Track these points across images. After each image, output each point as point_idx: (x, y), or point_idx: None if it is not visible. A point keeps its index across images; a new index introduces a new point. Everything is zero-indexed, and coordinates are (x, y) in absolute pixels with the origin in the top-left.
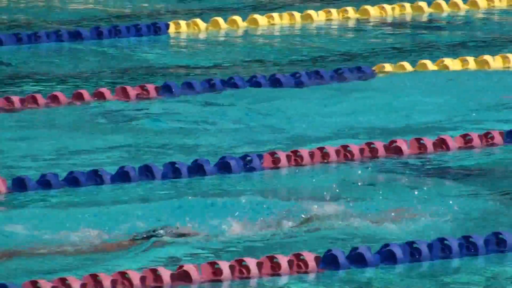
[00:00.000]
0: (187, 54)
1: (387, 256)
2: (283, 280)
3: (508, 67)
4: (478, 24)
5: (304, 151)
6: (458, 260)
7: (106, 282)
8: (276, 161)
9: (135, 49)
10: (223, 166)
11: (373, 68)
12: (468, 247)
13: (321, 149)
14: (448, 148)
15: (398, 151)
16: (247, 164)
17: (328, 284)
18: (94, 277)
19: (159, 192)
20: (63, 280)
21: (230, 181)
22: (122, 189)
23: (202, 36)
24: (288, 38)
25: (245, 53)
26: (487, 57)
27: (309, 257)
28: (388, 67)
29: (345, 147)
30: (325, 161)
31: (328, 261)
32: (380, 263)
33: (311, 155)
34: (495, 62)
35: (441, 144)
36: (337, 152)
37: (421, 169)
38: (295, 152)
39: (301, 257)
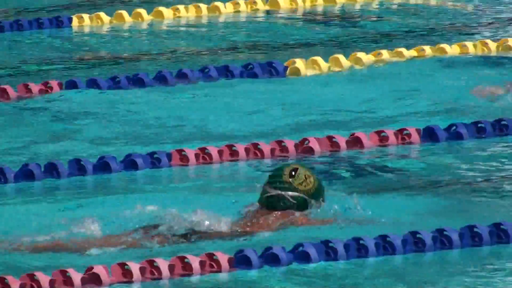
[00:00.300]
0: (91, 48)
1: (301, 255)
2: (195, 280)
3: (423, 56)
4: (392, 16)
5: (213, 149)
6: (374, 260)
7: (15, 285)
8: (184, 159)
9: (37, 44)
10: (130, 164)
11: (285, 64)
12: (385, 246)
13: (230, 146)
14: (362, 146)
15: (310, 150)
16: (154, 161)
17: (241, 284)
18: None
19: (64, 191)
20: None
21: (137, 178)
22: (27, 187)
23: (106, 29)
24: (195, 31)
25: (150, 47)
26: (401, 49)
27: (222, 258)
28: (300, 62)
29: (255, 145)
30: (235, 159)
31: (241, 261)
32: (293, 262)
33: (220, 152)
34: (409, 54)
35: (355, 141)
36: (247, 150)
37: (334, 168)
38: (203, 150)
39: (214, 257)
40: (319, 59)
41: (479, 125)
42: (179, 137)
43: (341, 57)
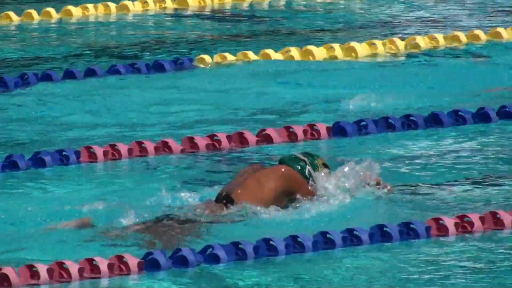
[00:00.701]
0: (0, 46)
1: (210, 257)
2: (104, 283)
3: (333, 55)
4: (301, 14)
5: (122, 146)
6: (283, 258)
7: None
8: (92, 156)
9: None
10: (38, 162)
11: (193, 59)
12: (295, 246)
13: (139, 143)
14: (271, 141)
15: (219, 145)
16: (62, 159)
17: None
18: None
19: None
20: None
21: (45, 176)
22: None
23: (15, 28)
24: (103, 30)
25: (60, 46)
26: (311, 47)
27: (131, 260)
28: (208, 58)
29: (164, 142)
30: (144, 155)
31: (150, 264)
32: (202, 263)
33: (130, 150)
34: (319, 52)
35: (265, 137)
36: (156, 148)
37: (243, 162)
38: (112, 146)
39: (124, 259)
40: (227, 54)
41: (389, 120)
42: (88, 134)
43: (249, 53)
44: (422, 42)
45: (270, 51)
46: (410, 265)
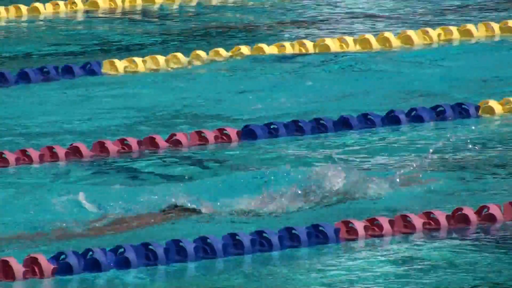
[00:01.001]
0: None
1: (121, 259)
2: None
3: (241, 55)
4: (210, 14)
5: (34, 152)
6: (193, 263)
7: None
8: (4, 161)
9: None
10: None
11: (102, 63)
12: (206, 249)
13: (50, 148)
14: (182, 146)
15: (129, 149)
16: None
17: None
18: None
19: None
20: None
21: None
22: None
23: None
24: (14, 32)
25: None
26: (220, 49)
27: (44, 263)
28: (118, 62)
29: (75, 147)
30: (55, 160)
31: (64, 267)
32: (115, 267)
33: (41, 156)
34: (227, 54)
35: (175, 142)
36: (67, 153)
37: (154, 166)
38: (23, 152)
39: (38, 260)
40: (137, 59)
41: (299, 124)
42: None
43: (159, 57)
44: (332, 44)
45: (179, 54)
46: (318, 268)
